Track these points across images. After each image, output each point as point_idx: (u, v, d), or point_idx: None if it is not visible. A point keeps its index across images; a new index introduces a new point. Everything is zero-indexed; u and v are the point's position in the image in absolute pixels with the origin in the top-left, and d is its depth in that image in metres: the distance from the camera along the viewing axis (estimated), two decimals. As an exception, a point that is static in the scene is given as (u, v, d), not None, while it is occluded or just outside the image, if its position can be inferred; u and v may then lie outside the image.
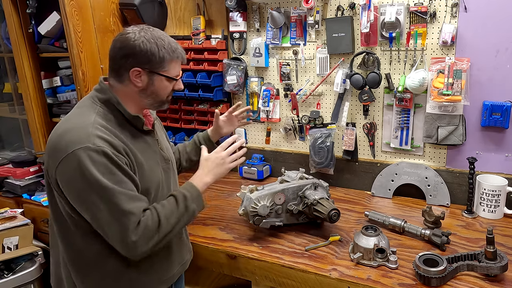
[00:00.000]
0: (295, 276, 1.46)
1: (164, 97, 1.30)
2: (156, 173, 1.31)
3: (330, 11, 1.97)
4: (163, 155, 1.37)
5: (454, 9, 1.73)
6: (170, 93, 1.31)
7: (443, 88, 1.74)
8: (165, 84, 1.27)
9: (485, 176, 1.78)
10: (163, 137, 1.49)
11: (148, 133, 1.33)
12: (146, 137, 1.31)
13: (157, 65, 1.22)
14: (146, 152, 1.29)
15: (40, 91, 2.38)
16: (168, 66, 1.25)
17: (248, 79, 2.26)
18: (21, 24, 2.25)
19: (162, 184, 1.33)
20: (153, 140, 1.35)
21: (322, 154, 2.06)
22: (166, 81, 1.26)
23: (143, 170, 1.25)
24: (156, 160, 1.33)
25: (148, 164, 1.27)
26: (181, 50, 1.29)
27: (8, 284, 1.99)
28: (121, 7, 2.25)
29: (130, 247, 1.14)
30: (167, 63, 1.24)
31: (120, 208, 1.12)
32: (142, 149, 1.27)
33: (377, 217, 1.71)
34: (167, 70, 1.25)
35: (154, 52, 1.20)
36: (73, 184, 1.12)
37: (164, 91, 1.28)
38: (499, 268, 1.29)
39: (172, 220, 1.22)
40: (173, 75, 1.27)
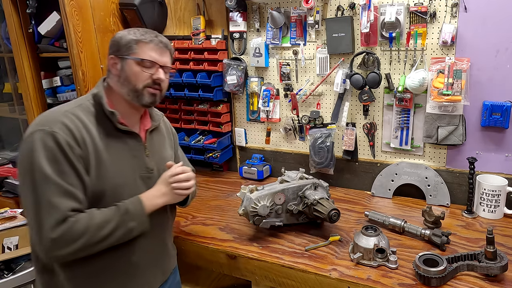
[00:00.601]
0: (295, 276, 1.45)
1: (138, 84, 1.23)
2: (124, 178, 1.24)
3: (330, 11, 1.97)
4: (145, 163, 1.31)
5: (454, 9, 1.73)
6: (146, 81, 1.24)
7: (443, 88, 1.74)
8: (136, 69, 1.22)
9: (485, 176, 1.78)
10: (163, 145, 1.43)
11: (131, 135, 1.28)
12: (127, 139, 1.27)
13: (126, 49, 1.22)
14: (119, 154, 1.24)
15: (40, 91, 2.38)
16: (137, 50, 1.22)
17: (248, 79, 2.26)
18: (21, 24, 2.25)
19: (131, 192, 1.25)
20: (137, 144, 1.29)
21: (322, 154, 2.06)
22: (135, 66, 1.22)
23: (104, 170, 1.18)
24: (132, 165, 1.27)
25: (116, 166, 1.22)
26: (157, 36, 1.26)
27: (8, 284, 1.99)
28: (121, 7, 2.25)
29: (45, 244, 1.07)
30: (135, 46, 1.22)
31: (46, 198, 1.07)
32: (115, 149, 1.23)
33: (377, 217, 1.71)
34: (136, 53, 1.22)
35: (123, 37, 1.24)
36: (21, 165, 1.12)
37: (135, 77, 1.23)
38: (499, 268, 1.29)
39: (103, 231, 1.13)
40: (142, 58, 1.23)
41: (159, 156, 1.38)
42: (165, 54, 1.28)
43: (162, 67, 1.27)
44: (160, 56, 1.26)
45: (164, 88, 1.31)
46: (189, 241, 1.67)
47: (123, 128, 1.25)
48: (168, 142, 1.48)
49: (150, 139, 1.36)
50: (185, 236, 1.70)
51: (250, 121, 2.36)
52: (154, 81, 1.26)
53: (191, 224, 1.80)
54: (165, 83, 1.31)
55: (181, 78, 2.25)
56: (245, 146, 2.42)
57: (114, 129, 1.24)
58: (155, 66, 1.25)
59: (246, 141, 2.41)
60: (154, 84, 1.26)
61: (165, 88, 1.32)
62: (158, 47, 1.25)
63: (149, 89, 1.26)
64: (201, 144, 2.31)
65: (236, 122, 2.41)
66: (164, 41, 1.28)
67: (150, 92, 1.26)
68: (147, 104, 1.28)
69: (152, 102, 1.29)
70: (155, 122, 1.40)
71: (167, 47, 1.29)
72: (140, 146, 1.31)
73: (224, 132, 2.34)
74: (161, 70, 1.27)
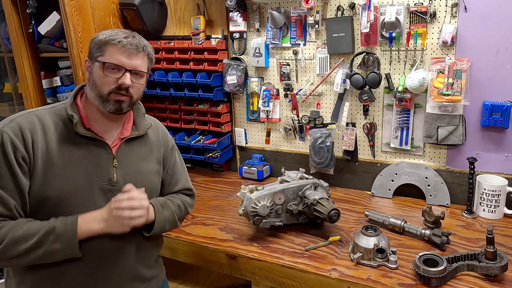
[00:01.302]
0: (295, 276, 1.45)
1: (103, 89, 1.15)
2: (74, 186, 1.14)
3: (330, 11, 1.97)
4: (109, 173, 1.19)
5: (454, 9, 1.73)
6: (111, 87, 1.15)
7: (443, 88, 1.74)
8: (100, 73, 1.14)
9: (485, 176, 1.78)
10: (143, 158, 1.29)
11: (96, 142, 1.19)
12: (90, 146, 1.18)
13: (95, 51, 1.16)
14: (75, 160, 1.15)
15: (40, 91, 2.38)
16: (104, 52, 1.15)
17: (248, 79, 2.26)
18: (21, 24, 2.25)
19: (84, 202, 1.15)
20: (103, 152, 1.20)
21: (322, 154, 2.06)
22: (100, 69, 1.14)
23: (52, 176, 1.11)
24: (89, 174, 1.16)
25: (67, 173, 1.13)
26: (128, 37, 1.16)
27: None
28: (121, 7, 2.25)
29: None
30: (104, 47, 1.15)
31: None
32: (72, 155, 1.15)
33: (377, 217, 1.71)
34: (103, 56, 1.15)
35: (95, 38, 1.18)
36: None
37: (100, 82, 1.15)
38: (499, 268, 1.29)
39: (21, 246, 1.05)
40: (106, 61, 1.14)
41: (134, 169, 1.25)
42: (135, 57, 1.17)
43: (130, 71, 1.16)
44: (128, 59, 1.15)
45: (135, 94, 1.20)
46: (189, 241, 1.67)
47: (86, 134, 1.17)
48: (155, 155, 1.34)
49: (125, 149, 1.24)
50: (185, 236, 1.69)
51: (250, 121, 2.36)
52: (119, 86, 1.15)
53: (191, 224, 1.80)
54: (136, 88, 1.20)
55: (181, 78, 2.25)
56: (245, 146, 2.42)
57: (76, 134, 1.16)
58: (120, 70, 1.15)
59: (246, 141, 2.41)
60: (119, 90, 1.15)
61: (136, 94, 1.21)
62: (125, 49, 1.15)
63: (114, 95, 1.16)
64: (201, 144, 2.31)
65: (236, 122, 2.41)
66: (135, 43, 1.17)
67: (115, 98, 1.16)
68: (113, 112, 1.17)
69: (118, 110, 1.17)
70: (137, 131, 1.28)
71: (137, 49, 1.17)
72: (108, 155, 1.20)
73: (224, 132, 2.34)
74: (127, 75, 1.15)
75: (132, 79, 1.17)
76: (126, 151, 1.25)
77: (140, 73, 1.20)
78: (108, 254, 1.20)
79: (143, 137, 1.31)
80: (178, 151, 1.48)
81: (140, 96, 1.25)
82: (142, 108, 1.35)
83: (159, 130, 1.40)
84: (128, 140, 1.25)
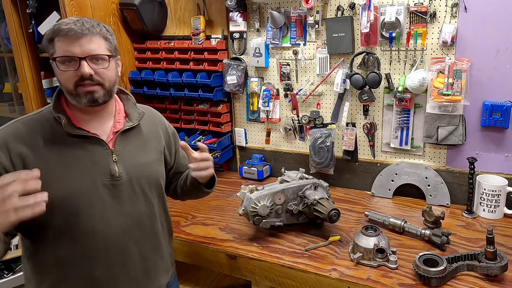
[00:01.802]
0: (295, 276, 1.46)
1: (68, 85, 1.10)
2: (77, 186, 1.13)
3: (330, 11, 1.97)
4: (110, 169, 1.17)
5: (454, 9, 1.73)
6: (73, 80, 1.09)
7: (443, 88, 1.74)
8: (57, 70, 1.10)
9: (485, 176, 1.78)
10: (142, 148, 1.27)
11: (90, 139, 1.16)
12: (86, 144, 1.16)
13: (48, 50, 1.12)
14: (73, 160, 1.13)
15: (40, 91, 2.38)
16: (54, 47, 1.09)
17: (248, 79, 2.26)
18: (21, 24, 2.25)
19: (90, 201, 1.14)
20: (99, 149, 1.17)
21: (322, 154, 2.06)
22: (56, 66, 1.10)
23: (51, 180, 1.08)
24: (90, 172, 1.15)
25: (67, 174, 1.12)
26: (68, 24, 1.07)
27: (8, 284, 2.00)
28: (121, 7, 2.25)
29: None
30: (52, 44, 1.09)
31: None
32: (67, 156, 1.13)
33: (377, 217, 1.71)
34: (55, 52, 1.09)
35: (44, 38, 1.12)
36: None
37: (61, 78, 1.11)
38: (499, 268, 1.29)
39: None
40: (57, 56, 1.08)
41: (133, 161, 1.23)
42: (84, 41, 1.08)
43: (85, 58, 1.08)
44: (78, 46, 1.07)
45: (104, 80, 1.13)
46: (189, 241, 1.67)
47: (78, 133, 1.14)
48: (153, 144, 1.32)
49: (122, 142, 1.22)
50: (185, 236, 1.69)
51: (250, 121, 2.36)
52: (81, 77, 1.09)
53: (191, 224, 1.80)
54: (103, 74, 1.12)
55: (181, 78, 2.25)
56: (245, 146, 2.42)
57: (68, 135, 1.14)
58: (76, 61, 1.08)
59: (246, 141, 2.41)
60: (82, 81, 1.09)
61: (107, 80, 1.14)
62: (70, 36, 1.06)
63: (82, 87, 1.10)
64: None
65: (236, 122, 2.41)
66: (78, 28, 1.07)
67: (84, 90, 1.10)
68: (88, 105, 1.12)
69: (93, 101, 1.12)
70: (131, 122, 1.25)
71: (82, 33, 1.07)
72: (105, 151, 1.18)
73: (224, 132, 2.34)
74: (83, 63, 1.08)
75: (92, 66, 1.10)
76: (123, 143, 1.22)
77: (98, 56, 1.11)
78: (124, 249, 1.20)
79: (138, 127, 1.28)
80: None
81: (113, 82, 1.17)
82: (132, 98, 1.31)
83: (154, 117, 1.39)
84: (123, 132, 1.22)
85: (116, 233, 1.18)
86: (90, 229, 1.15)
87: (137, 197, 1.23)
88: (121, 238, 1.19)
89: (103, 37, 1.13)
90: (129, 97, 1.31)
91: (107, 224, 1.17)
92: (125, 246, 1.20)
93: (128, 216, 1.21)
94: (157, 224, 1.31)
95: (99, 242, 1.16)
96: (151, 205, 1.28)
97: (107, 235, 1.17)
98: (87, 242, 1.15)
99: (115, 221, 1.18)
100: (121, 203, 1.19)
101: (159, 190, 1.33)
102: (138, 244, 1.24)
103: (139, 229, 1.24)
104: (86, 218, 1.14)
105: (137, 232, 1.23)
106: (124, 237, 1.20)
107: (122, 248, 1.20)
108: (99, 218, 1.15)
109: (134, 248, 1.23)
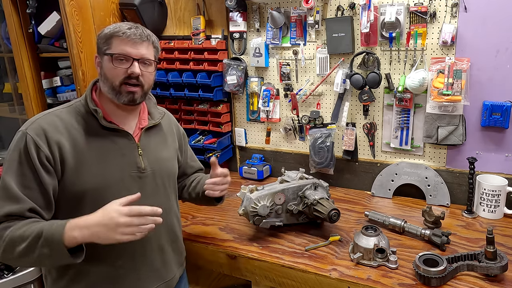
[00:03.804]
0: (295, 276, 1.46)
1: (114, 81, 1.19)
2: (109, 177, 1.20)
3: (330, 11, 1.97)
4: (137, 162, 1.26)
5: (454, 9, 1.73)
6: (121, 77, 1.19)
7: (443, 88, 1.74)
8: (109, 65, 1.19)
9: (485, 176, 1.78)
10: (161, 145, 1.38)
11: (120, 133, 1.24)
12: (115, 138, 1.23)
13: (102, 45, 1.21)
14: (105, 152, 1.21)
15: (40, 91, 2.38)
16: (111, 44, 1.19)
17: (248, 79, 2.26)
18: (21, 24, 2.25)
19: (119, 191, 1.19)
20: (127, 143, 1.26)
21: (322, 154, 2.06)
22: (109, 61, 1.19)
23: (87, 170, 1.16)
24: (120, 164, 1.23)
25: (100, 165, 1.19)
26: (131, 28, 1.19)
27: (8, 284, 1.99)
28: (121, 7, 2.25)
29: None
30: (110, 41, 1.19)
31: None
32: (101, 148, 1.20)
33: (377, 217, 1.71)
34: (110, 48, 1.19)
35: (101, 33, 1.22)
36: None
37: (110, 73, 1.19)
38: (499, 268, 1.29)
39: (17, 248, 1.05)
40: (114, 52, 1.18)
41: (156, 156, 1.33)
42: (140, 46, 1.20)
43: (138, 60, 1.20)
44: (134, 49, 1.19)
45: (145, 83, 1.24)
46: (189, 241, 1.66)
47: (110, 126, 1.22)
48: (170, 142, 1.43)
49: (145, 138, 1.31)
50: (185, 236, 1.69)
51: (250, 121, 2.36)
52: (129, 76, 1.19)
53: (191, 224, 1.80)
54: (146, 77, 1.24)
55: (181, 78, 2.25)
56: (245, 146, 2.42)
57: (101, 127, 1.22)
58: (129, 60, 1.19)
59: (246, 141, 2.41)
60: (129, 79, 1.19)
61: (147, 83, 1.25)
62: (130, 39, 1.19)
63: (126, 87, 1.20)
64: (201, 144, 2.31)
65: (236, 122, 2.41)
66: (139, 33, 1.20)
67: (127, 90, 1.20)
68: (126, 103, 1.22)
69: (132, 101, 1.22)
70: (154, 120, 1.36)
71: (142, 38, 1.21)
72: (132, 145, 1.27)
73: (224, 132, 2.34)
74: (136, 64, 1.19)
75: (141, 68, 1.21)
76: (147, 140, 1.31)
77: (148, 61, 1.23)
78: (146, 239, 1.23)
79: (158, 126, 1.38)
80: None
81: (151, 85, 1.29)
82: (153, 98, 1.43)
83: (170, 118, 1.50)
84: (147, 129, 1.32)
85: None
86: None
87: (158, 190, 1.32)
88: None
89: (154, 46, 1.27)
90: (151, 97, 1.42)
91: None
92: (147, 237, 1.23)
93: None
94: (173, 218, 1.40)
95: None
96: (169, 199, 1.38)
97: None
98: None
99: None
100: (145, 194, 1.23)
101: (175, 186, 1.45)
102: (157, 236, 1.31)
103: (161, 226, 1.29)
104: None
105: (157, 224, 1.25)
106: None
107: (144, 239, 1.22)
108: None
109: (154, 239, 1.30)
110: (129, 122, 1.29)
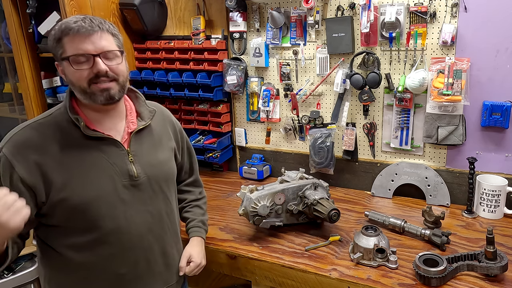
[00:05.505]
0: (295, 276, 1.45)
1: (82, 84, 1.07)
2: (99, 189, 1.13)
3: (330, 11, 1.97)
4: (128, 170, 1.17)
5: (454, 9, 1.73)
6: (88, 78, 1.07)
7: (443, 88, 1.74)
8: (71, 70, 1.07)
9: (485, 176, 1.78)
10: (155, 147, 1.28)
11: (107, 141, 1.16)
12: (102, 146, 1.15)
13: (55, 51, 1.09)
14: (92, 163, 1.13)
15: (40, 91, 2.38)
16: (63, 47, 1.06)
17: (248, 79, 2.26)
18: (21, 24, 2.25)
19: (112, 202, 1.14)
20: (116, 150, 1.17)
21: (322, 154, 2.06)
22: (69, 66, 1.06)
23: (76, 183, 1.09)
24: (109, 174, 1.15)
25: (88, 177, 1.11)
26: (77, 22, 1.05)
27: (8, 284, 1.99)
28: (121, 7, 2.25)
29: None
30: (60, 43, 1.06)
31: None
32: (87, 160, 1.12)
33: (377, 217, 1.71)
34: (64, 51, 1.06)
35: (49, 37, 1.09)
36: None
37: (74, 77, 1.07)
38: (499, 268, 1.29)
39: None
40: (69, 55, 1.05)
41: (149, 160, 1.24)
42: (94, 37, 1.06)
43: (99, 55, 1.07)
44: (89, 43, 1.05)
45: (118, 75, 1.11)
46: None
47: (94, 135, 1.13)
48: (165, 142, 1.33)
49: (136, 142, 1.22)
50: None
51: (250, 121, 2.36)
52: (96, 74, 1.07)
53: (191, 224, 1.80)
54: (116, 69, 1.11)
55: (181, 78, 2.25)
56: (245, 146, 2.42)
57: (85, 137, 1.12)
58: (89, 59, 1.06)
59: (246, 141, 2.41)
60: (98, 78, 1.08)
61: (121, 75, 1.12)
62: (80, 34, 1.05)
63: (97, 85, 1.08)
64: (201, 144, 2.31)
65: (236, 122, 2.41)
66: (87, 24, 1.05)
67: (100, 88, 1.08)
68: (105, 102, 1.11)
69: (110, 98, 1.11)
70: (143, 121, 1.25)
71: (93, 29, 1.06)
72: (121, 152, 1.18)
73: (224, 132, 2.34)
74: (98, 60, 1.06)
75: (106, 62, 1.09)
76: (138, 143, 1.22)
77: (111, 53, 1.10)
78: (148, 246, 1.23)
79: (150, 126, 1.28)
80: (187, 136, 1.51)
81: (127, 77, 1.17)
82: (141, 96, 1.30)
83: (164, 114, 1.39)
84: (136, 132, 1.22)
85: (140, 231, 1.21)
86: (115, 230, 1.16)
87: (156, 195, 1.25)
88: (145, 236, 1.22)
89: (111, 34, 1.12)
90: (138, 95, 1.30)
91: (131, 223, 1.19)
92: (149, 244, 1.23)
93: (149, 214, 1.24)
94: (175, 220, 1.37)
95: (124, 242, 1.18)
96: (169, 202, 1.32)
97: (131, 234, 1.19)
98: (113, 243, 1.17)
99: (138, 220, 1.20)
100: (142, 202, 1.21)
101: (174, 188, 1.39)
102: (160, 241, 1.27)
103: (160, 226, 1.28)
104: (111, 220, 1.15)
105: (159, 229, 1.27)
106: (148, 235, 1.23)
107: (146, 245, 1.23)
108: (123, 219, 1.17)
109: (156, 245, 1.26)
110: (116, 127, 1.20)
